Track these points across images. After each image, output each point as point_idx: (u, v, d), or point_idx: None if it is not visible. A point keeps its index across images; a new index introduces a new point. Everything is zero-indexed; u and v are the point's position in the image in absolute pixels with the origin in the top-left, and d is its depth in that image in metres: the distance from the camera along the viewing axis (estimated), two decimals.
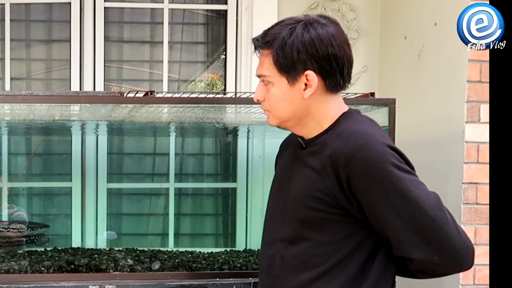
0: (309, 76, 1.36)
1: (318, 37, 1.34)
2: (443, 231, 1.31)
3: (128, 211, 2.93)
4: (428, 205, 1.31)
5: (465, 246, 1.34)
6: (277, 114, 1.43)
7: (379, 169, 1.29)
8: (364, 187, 1.31)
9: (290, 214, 1.43)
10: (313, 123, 1.43)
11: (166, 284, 2.01)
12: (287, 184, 1.47)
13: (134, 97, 1.97)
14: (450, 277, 2.31)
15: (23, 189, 2.79)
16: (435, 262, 1.33)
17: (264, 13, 2.83)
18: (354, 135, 1.34)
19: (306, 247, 1.40)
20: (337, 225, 1.38)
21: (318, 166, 1.37)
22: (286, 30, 1.36)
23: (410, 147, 2.60)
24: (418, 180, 1.34)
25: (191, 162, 2.97)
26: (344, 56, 1.39)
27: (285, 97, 1.39)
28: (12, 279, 2.01)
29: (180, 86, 3.13)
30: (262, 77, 1.42)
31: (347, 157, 1.31)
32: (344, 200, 1.34)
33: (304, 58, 1.34)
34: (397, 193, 1.30)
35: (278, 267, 1.45)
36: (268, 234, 1.53)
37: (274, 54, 1.36)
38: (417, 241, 1.31)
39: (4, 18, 2.89)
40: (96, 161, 2.67)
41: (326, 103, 1.42)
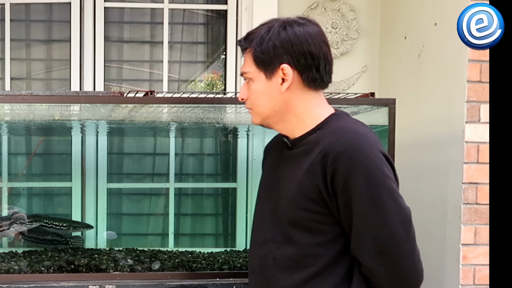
0: (284, 70, 1.41)
1: (294, 34, 1.40)
2: (398, 248, 1.33)
3: (128, 211, 2.93)
4: (393, 218, 1.33)
5: (414, 268, 1.37)
6: (259, 110, 1.48)
7: (361, 171, 1.32)
8: (344, 185, 1.34)
9: (281, 215, 1.45)
10: (295, 119, 1.46)
11: (166, 284, 2.01)
12: (276, 186, 1.49)
13: (134, 97, 1.97)
14: (450, 277, 2.32)
15: (23, 189, 2.79)
16: (380, 273, 1.35)
17: (264, 13, 2.83)
18: (346, 134, 1.37)
19: (297, 248, 1.43)
20: (325, 226, 1.40)
21: (307, 165, 1.40)
22: (264, 28, 1.43)
23: (410, 147, 2.61)
24: (397, 191, 1.36)
25: (191, 162, 2.97)
26: (320, 52, 1.42)
27: (264, 92, 1.44)
28: (12, 279, 2.01)
29: (180, 86, 3.13)
30: (244, 75, 1.49)
31: (336, 153, 1.34)
32: (326, 197, 1.37)
33: (279, 53, 1.40)
34: (369, 198, 1.32)
35: (271, 268, 1.48)
36: (258, 235, 1.55)
37: (253, 50, 1.43)
38: (371, 249, 1.34)
39: (4, 18, 2.89)
40: (96, 161, 2.67)
41: (306, 99, 1.45)
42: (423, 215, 2.54)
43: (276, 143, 1.60)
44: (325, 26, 2.94)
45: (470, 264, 2.26)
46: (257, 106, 1.48)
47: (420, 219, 2.56)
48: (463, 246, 2.26)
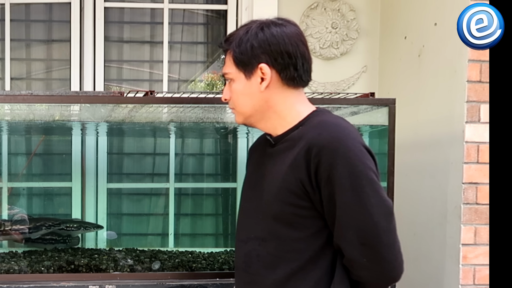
0: (263, 69, 1.45)
1: (271, 34, 1.45)
2: (380, 238, 1.36)
3: (128, 211, 2.93)
4: (375, 210, 1.35)
5: (394, 258, 1.39)
6: (240, 110, 1.52)
7: (344, 163, 1.35)
8: (327, 178, 1.36)
9: (264, 211, 1.48)
10: (276, 117, 1.49)
11: (166, 284, 2.01)
12: (260, 183, 1.52)
13: (134, 97, 1.97)
14: (450, 277, 2.32)
15: (23, 189, 2.79)
16: (362, 263, 1.38)
17: (264, 13, 2.80)
18: (329, 128, 1.40)
19: (279, 243, 1.45)
20: (307, 220, 1.43)
21: (290, 160, 1.42)
22: (243, 30, 1.48)
23: (410, 147, 2.61)
24: (378, 184, 1.39)
25: (191, 162, 2.97)
26: (297, 51, 1.46)
27: (244, 91, 1.48)
28: (12, 279, 2.01)
29: (180, 86, 3.13)
30: (225, 75, 1.52)
31: (319, 146, 1.37)
32: (310, 190, 1.39)
33: (257, 53, 1.44)
34: (352, 190, 1.35)
35: (255, 265, 1.50)
36: (242, 233, 1.57)
37: (232, 52, 1.48)
38: (353, 240, 1.37)
39: (4, 18, 2.89)
40: (96, 161, 2.67)
41: (286, 97, 1.48)
42: (423, 215, 2.54)
43: (260, 143, 1.63)
44: (325, 26, 2.94)
45: (470, 264, 2.26)
46: (239, 105, 1.51)
47: (420, 219, 2.57)
48: (463, 246, 2.26)
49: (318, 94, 2.15)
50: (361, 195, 1.35)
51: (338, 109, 2.16)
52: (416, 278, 2.55)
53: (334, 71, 2.96)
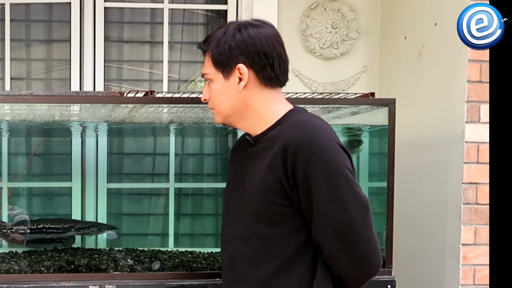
0: (241, 69, 1.48)
1: (248, 35, 1.48)
2: (356, 234, 1.39)
3: (128, 211, 2.93)
4: (350, 206, 1.39)
5: (372, 253, 1.42)
6: (219, 109, 1.55)
7: (319, 161, 1.38)
8: (304, 176, 1.39)
9: (245, 210, 1.51)
10: (255, 116, 1.52)
11: (166, 284, 2.01)
12: (242, 183, 1.55)
13: (134, 97, 1.97)
14: (450, 277, 2.32)
15: (23, 189, 2.79)
16: (341, 259, 1.42)
17: (264, 13, 2.83)
18: (304, 126, 1.43)
19: (261, 241, 1.49)
20: (287, 218, 1.46)
21: (268, 159, 1.45)
22: (221, 31, 1.51)
23: (410, 147, 2.61)
24: (353, 180, 1.42)
25: (191, 162, 2.97)
26: (274, 52, 1.48)
27: (223, 91, 1.51)
28: (12, 279, 2.01)
29: (180, 86, 3.13)
30: (204, 76, 1.56)
31: (295, 146, 1.40)
32: (288, 188, 1.42)
33: (235, 53, 1.47)
34: (327, 187, 1.38)
35: (239, 263, 1.54)
36: (226, 232, 1.61)
37: (211, 52, 1.51)
38: (331, 236, 1.40)
39: (4, 18, 2.89)
40: (96, 161, 2.67)
41: (264, 97, 1.51)
42: (423, 215, 2.54)
43: (241, 143, 1.66)
44: (325, 26, 2.94)
45: (470, 264, 2.26)
46: (218, 105, 1.55)
47: (420, 219, 2.57)
48: (463, 246, 2.26)
49: (318, 94, 2.15)
50: (337, 192, 1.38)
51: (338, 109, 2.16)
52: (416, 278, 2.55)
53: (334, 71, 2.96)
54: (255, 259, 1.50)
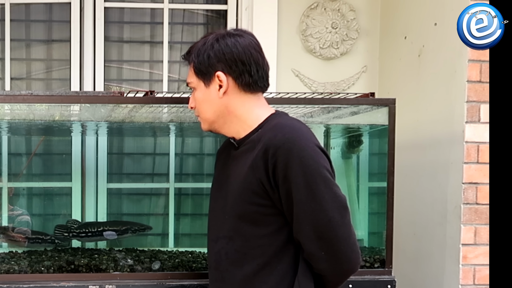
0: (219, 77, 1.55)
1: (226, 44, 1.55)
2: (334, 232, 1.44)
3: (128, 211, 2.93)
4: (329, 205, 1.44)
5: (351, 250, 1.47)
6: (204, 116, 1.63)
7: (298, 162, 1.43)
8: (284, 177, 1.44)
9: (229, 211, 1.58)
10: (237, 121, 1.59)
11: (166, 284, 2.01)
12: (225, 184, 1.62)
13: (134, 97, 1.97)
14: (450, 277, 2.32)
15: (23, 189, 2.79)
16: (320, 257, 1.47)
17: (264, 13, 2.84)
18: (283, 129, 1.48)
19: (245, 240, 1.54)
20: (269, 218, 1.51)
21: (250, 161, 1.51)
22: (201, 42, 1.60)
23: (410, 147, 2.61)
24: (332, 180, 1.47)
25: (191, 162, 2.97)
26: (250, 58, 1.55)
27: (205, 98, 1.59)
28: (12, 279, 2.01)
29: (180, 86, 3.13)
30: (189, 85, 1.64)
31: (275, 148, 1.45)
32: (269, 189, 1.48)
33: (213, 62, 1.55)
34: (306, 188, 1.43)
35: (224, 262, 1.60)
36: (212, 232, 1.69)
37: (193, 63, 1.60)
38: (311, 234, 1.45)
39: (4, 18, 2.89)
40: (96, 161, 2.67)
41: (244, 102, 1.57)
42: (423, 215, 2.54)
43: (226, 146, 1.72)
44: (325, 26, 2.94)
45: (470, 264, 2.26)
46: (202, 112, 1.62)
47: (420, 219, 2.57)
48: (463, 246, 2.26)
49: (318, 94, 2.15)
50: (315, 192, 1.43)
51: (338, 109, 2.16)
52: (416, 278, 2.55)
53: (334, 71, 2.96)
54: (239, 257, 1.56)
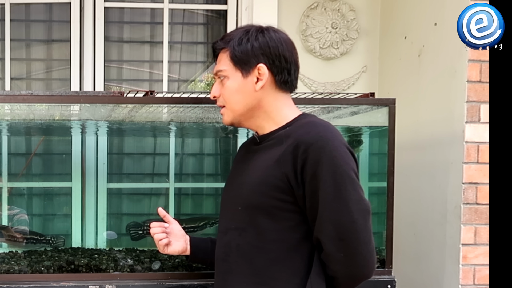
0: (260, 70, 1.52)
1: (271, 37, 1.53)
2: (356, 234, 1.43)
3: (128, 211, 2.93)
4: (355, 207, 1.43)
5: (369, 255, 1.46)
6: (232, 107, 1.57)
7: (329, 161, 1.42)
8: (312, 174, 1.43)
9: (244, 202, 1.55)
10: (265, 116, 1.56)
11: (166, 284, 2.01)
12: (240, 176, 1.60)
13: (134, 97, 1.97)
14: (450, 277, 2.32)
15: (23, 189, 2.79)
16: (338, 258, 1.45)
17: (264, 13, 2.84)
18: (317, 127, 1.48)
19: (258, 233, 1.52)
20: (286, 213, 1.49)
21: (277, 155, 1.49)
22: (241, 31, 1.55)
23: (410, 147, 2.61)
24: (359, 184, 1.46)
25: (191, 162, 2.97)
26: (292, 57, 1.55)
27: (239, 89, 1.54)
28: (12, 279, 2.01)
29: (180, 86, 3.13)
30: (219, 73, 1.57)
31: (307, 144, 1.44)
32: (294, 185, 1.46)
33: (257, 53, 1.52)
34: (334, 187, 1.42)
35: (234, 254, 1.57)
36: (222, 224, 1.65)
37: (231, 50, 1.54)
38: (332, 234, 1.43)
39: (4, 18, 2.89)
40: (96, 161, 2.67)
41: (277, 99, 1.56)
42: (423, 215, 2.54)
43: (247, 143, 1.71)
44: (325, 26, 2.94)
45: (470, 264, 2.26)
46: (231, 102, 1.57)
47: (420, 219, 2.57)
48: (463, 246, 2.26)
49: (318, 94, 2.15)
50: (343, 193, 1.42)
51: (338, 109, 2.16)
52: (416, 278, 2.55)
53: (334, 71, 2.96)
54: (250, 250, 1.53)
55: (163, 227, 1.77)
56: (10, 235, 2.40)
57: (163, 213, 1.80)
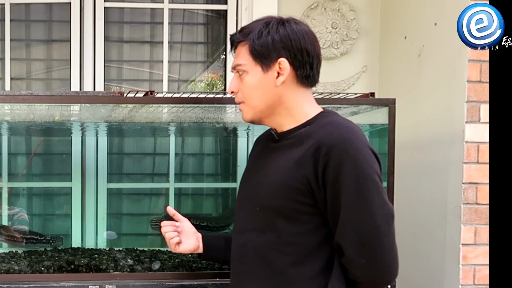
0: (281, 64, 1.44)
1: (292, 30, 1.45)
2: (379, 240, 1.38)
3: (128, 211, 2.93)
4: (378, 212, 1.37)
5: (392, 261, 1.41)
6: (251, 103, 1.50)
7: (352, 164, 1.36)
8: (335, 178, 1.38)
9: (262, 203, 1.49)
10: (286, 113, 1.49)
11: (166, 284, 2.01)
12: (257, 175, 1.54)
13: (134, 97, 1.97)
14: (450, 277, 2.32)
15: (23, 189, 2.79)
16: (360, 264, 1.40)
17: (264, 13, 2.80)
18: (340, 128, 1.41)
19: (277, 236, 1.46)
20: (306, 216, 1.44)
21: (297, 156, 1.43)
22: (262, 23, 1.47)
23: (410, 147, 2.61)
24: (382, 187, 1.41)
25: (191, 162, 2.97)
26: (314, 51, 1.47)
27: (259, 84, 1.47)
28: (12, 279, 2.01)
29: (180, 86, 3.13)
30: (238, 67, 1.51)
31: (329, 147, 1.38)
32: (315, 188, 1.41)
33: (278, 47, 1.44)
34: (357, 191, 1.37)
35: (251, 256, 1.51)
36: (238, 224, 1.59)
37: (250, 43, 1.46)
38: (354, 240, 1.38)
39: (4, 18, 2.89)
40: (96, 161, 2.67)
41: (297, 95, 1.49)
42: (423, 215, 2.54)
43: (264, 137, 1.64)
44: (325, 26, 2.94)
45: (470, 264, 2.26)
46: (251, 98, 1.50)
47: (420, 219, 2.57)
48: (463, 246, 2.26)
49: (318, 94, 2.15)
50: (366, 197, 1.36)
51: (338, 109, 2.16)
52: (416, 278, 2.55)
53: (334, 71, 2.96)
54: (268, 252, 1.48)
55: (174, 225, 1.72)
56: (9, 235, 2.39)
57: (173, 211, 1.76)
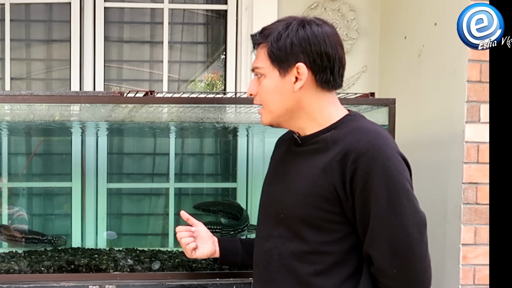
0: (299, 69, 1.39)
1: (313, 33, 1.39)
2: (411, 250, 1.33)
3: (128, 211, 2.93)
4: (409, 221, 1.33)
5: (425, 271, 1.36)
6: (269, 108, 1.46)
7: (382, 172, 1.32)
8: (363, 185, 1.33)
9: (288, 211, 1.45)
10: (307, 117, 1.45)
11: (166, 284, 2.01)
12: (281, 180, 1.49)
13: (134, 97, 1.97)
14: (450, 277, 2.32)
15: (23, 189, 2.79)
16: (391, 274, 1.35)
17: (264, 13, 2.83)
18: (368, 134, 1.36)
19: (304, 245, 1.43)
20: (335, 225, 1.40)
21: (323, 163, 1.39)
22: (282, 25, 1.41)
23: (410, 147, 2.60)
24: (413, 195, 1.37)
25: (191, 162, 2.97)
26: (336, 55, 1.41)
27: (276, 89, 1.43)
28: (12, 279, 2.01)
29: (180, 86, 3.13)
30: (256, 70, 1.46)
31: (358, 154, 1.33)
32: (343, 196, 1.36)
33: (296, 51, 1.39)
34: (388, 200, 1.32)
35: (276, 263, 1.47)
36: (262, 229, 1.54)
37: (269, 46, 1.41)
38: (385, 250, 1.34)
39: (4, 18, 2.89)
40: (96, 161, 2.67)
41: (318, 99, 1.44)
42: None
43: (286, 139, 1.59)
44: None
45: (470, 264, 2.26)
46: (268, 103, 1.46)
47: None
48: (463, 246, 2.26)
49: None
50: (397, 206, 1.32)
51: None
52: None
53: None
54: (294, 260, 1.44)
55: (189, 231, 1.68)
56: (9, 234, 2.39)
57: (186, 216, 1.72)
